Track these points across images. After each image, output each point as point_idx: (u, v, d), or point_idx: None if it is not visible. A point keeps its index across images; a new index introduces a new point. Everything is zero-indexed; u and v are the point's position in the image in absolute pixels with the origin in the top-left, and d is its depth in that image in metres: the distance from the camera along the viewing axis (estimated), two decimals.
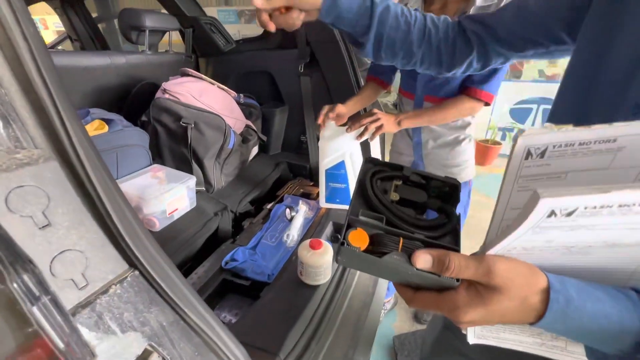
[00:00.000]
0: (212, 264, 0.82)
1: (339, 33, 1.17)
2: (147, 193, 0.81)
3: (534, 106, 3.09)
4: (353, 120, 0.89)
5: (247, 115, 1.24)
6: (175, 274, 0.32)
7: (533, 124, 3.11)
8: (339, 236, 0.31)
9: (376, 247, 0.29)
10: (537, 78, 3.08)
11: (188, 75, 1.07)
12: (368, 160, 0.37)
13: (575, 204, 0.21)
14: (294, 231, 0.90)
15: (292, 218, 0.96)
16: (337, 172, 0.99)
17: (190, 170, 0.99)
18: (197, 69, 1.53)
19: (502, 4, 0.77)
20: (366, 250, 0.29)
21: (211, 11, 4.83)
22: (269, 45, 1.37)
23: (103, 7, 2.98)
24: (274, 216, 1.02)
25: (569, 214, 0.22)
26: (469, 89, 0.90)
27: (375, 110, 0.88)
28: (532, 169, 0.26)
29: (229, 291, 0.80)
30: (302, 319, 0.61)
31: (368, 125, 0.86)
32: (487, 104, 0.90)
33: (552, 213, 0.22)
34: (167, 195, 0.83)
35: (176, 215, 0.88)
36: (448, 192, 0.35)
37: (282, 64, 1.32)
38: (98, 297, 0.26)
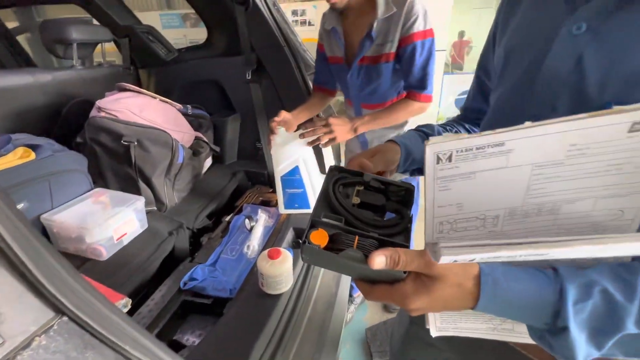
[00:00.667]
0: (170, 286, 0.79)
1: (283, 38, 1.18)
2: (90, 221, 0.76)
3: None
4: (306, 126, 0.89)
5: (197, 127, 1.20)
6: (112, 311, 0.31)
7: None
8: (301, 238, 0.33)
9: (335, 245, 0.32)
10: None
11: (126, 90, 1.01)
12: (332, 168, 0.40)
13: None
14: (255, 242, 0.90)
15: (252, 228, 0.96)
16: (293, 177, 1.00)
17: (138, 191, 0.93)
18: (138, 82, 1.45)
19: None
20: (326, 248, 0.32)
21: (153, 16, 4.55)
22: (214, 53, 1.34)
23: (25, 17, 2.68)
24: (233, 228, 1.00)
25: (449, 158, 0.27)
26: (412, 93, 0.98)
27: (331, 121, 0.87)
28: (445, 171, 0.29)
29: (190, 312, 0.77)
30: (266, 331, 0.61)
31: (321, 136, 0.87)
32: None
33: (439, 159, 0.27)
34: (112, 221, 0.78)
35: (125, 240, 0.83)
36: (404, 195, 0.38)
37: (230, 71, 1.30)
38: (19, 353, 0.24)
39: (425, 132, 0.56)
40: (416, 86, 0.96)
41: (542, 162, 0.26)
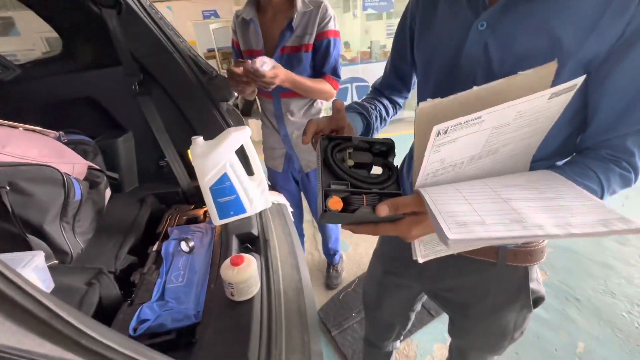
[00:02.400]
0: None
1: (168, 42, 1.09)
2: None
3: (349, 85, 3.83)
4: (245, 81, 1.06)
5: (81, 155, 1.00)
6: None
7: (352, 99, 3.87)
8: (247, 243, 0.42)
9: (349, 207, 0.41)
10: (344, 62, 3.82)
11: None
12: (324, 137, 0.46)
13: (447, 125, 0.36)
14: (199, 263, 0.84)
15: (192, 248, 0.89)
16: (222, 185, 0.96)
17: (25, 247, 0.73)
18: None
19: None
20: (342, 210, 0.40)
21: None
22: (79, 66, 1.12)
23: None
24: (167, 256, 0.91)
25: (445, 132, 0.37)
26: (328, 77, 1.21)
27: (268, 73, 1.02)
28: (440, 140, 0.39)
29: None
30: (253, 334, 0.61)
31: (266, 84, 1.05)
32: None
33: (439, 133, 0.36)
34: None
35: None
36: (386, 150, 0.47)
37: (107, 85, 1.11)
38: None
39: (360, 112, 0.68)
40: (332, 73, 1.20)
41: (498, 125, 0.39)
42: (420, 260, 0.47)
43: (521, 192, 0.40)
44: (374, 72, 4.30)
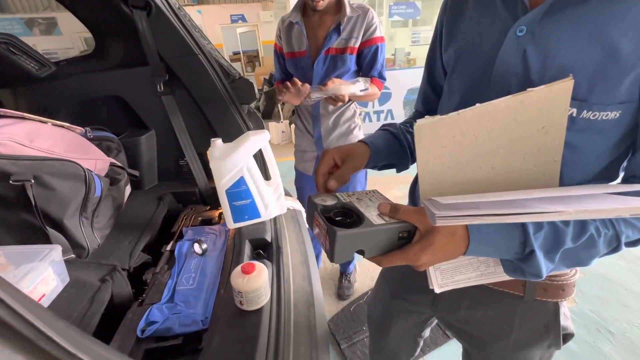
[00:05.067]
0: (123, 339, 0.67)
1: (196, 45, 1.11)
2: None
3: None
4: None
5: (105, 152, 1.02)
6: None
7: (374, 106, 3.82)
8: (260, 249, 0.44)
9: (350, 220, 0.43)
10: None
11: (1, 117, 0.78)
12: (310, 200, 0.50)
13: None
14: (211, 266, 0.83)
15: (204, 251, 0.88)
16: (239, 189, 0.96)
17: (45, 240, 0.75)
18: None
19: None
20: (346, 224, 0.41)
21: None
22: (109, 65, 1.15)
23: None
24: (179, 256, 0.90)
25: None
26: (377, 80, 1.29)
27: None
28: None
29: None
30: (260, 346, 0.59)
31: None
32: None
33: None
34: (23, 284, 0.61)
35: (45, 303, 0.66)
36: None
37: (134, 84, 1.14)
38: None
39: (391, 132, 0.65)
40: (379, 76, 1.29)
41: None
42: (437, 290, 0.43)
43: (541, 193, 0.36)
44: (398, 79, 4.17)
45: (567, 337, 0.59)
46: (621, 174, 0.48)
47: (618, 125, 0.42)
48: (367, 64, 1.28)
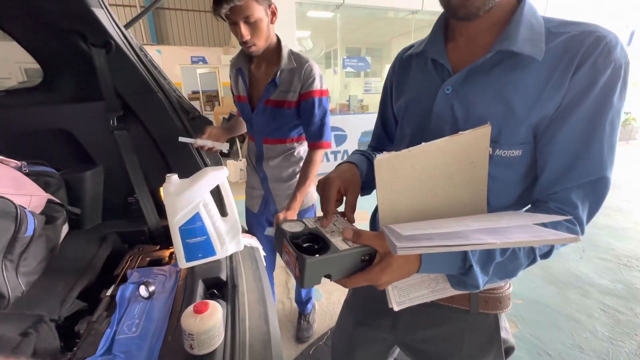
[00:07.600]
0: None
1: (154, 82, 1.12)
2: None
3: None
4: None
5: (43, 187, 0.94)
6: None
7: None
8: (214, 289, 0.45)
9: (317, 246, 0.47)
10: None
11: None
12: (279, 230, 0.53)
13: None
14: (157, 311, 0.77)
15: (151, 294, 0.82)
16: (193, 225, 0.93)
17: None
18: None
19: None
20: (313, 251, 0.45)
21: None
22: (58, 98, 1.11)
23: None
24: (122, 302, 0.82)
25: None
26: (314, 143, 1.21)
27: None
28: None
29: None
30: None
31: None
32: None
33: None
34: None
35: None
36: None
37: (85, 119, 1.10)
38: None
39: (366, 156, 0.74)
40: (316, 135, 1.20)
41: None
42: (396, 308, 0.47)
43: (479, 224, 0.43)
44: (353, 123, 4.64)
45: (509, 350, 0.66)
46: None
47: (522, 161, 0.54)
48: (305, 117, 1.19)
